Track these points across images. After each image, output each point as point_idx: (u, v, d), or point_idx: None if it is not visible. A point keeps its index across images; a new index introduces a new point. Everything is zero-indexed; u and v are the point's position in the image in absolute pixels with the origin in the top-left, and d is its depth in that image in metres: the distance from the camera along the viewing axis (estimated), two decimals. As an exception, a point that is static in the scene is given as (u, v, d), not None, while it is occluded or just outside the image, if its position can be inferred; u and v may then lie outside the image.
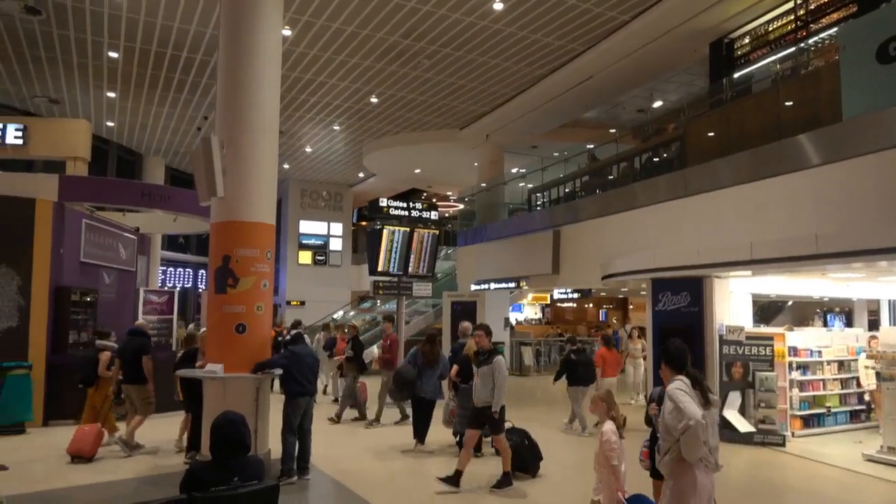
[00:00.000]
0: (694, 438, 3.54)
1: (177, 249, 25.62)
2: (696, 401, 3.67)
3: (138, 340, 8.34)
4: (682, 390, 3.70)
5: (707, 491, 3.70)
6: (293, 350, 7.17)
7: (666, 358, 3.95)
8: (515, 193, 18.98)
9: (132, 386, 8.21)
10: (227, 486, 3.61)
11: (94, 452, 7.72)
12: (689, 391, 3.71)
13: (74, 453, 7.61)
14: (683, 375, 3.82)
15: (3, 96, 16.52)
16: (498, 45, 12.79)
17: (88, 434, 7.73)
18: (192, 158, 7.27)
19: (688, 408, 3.56)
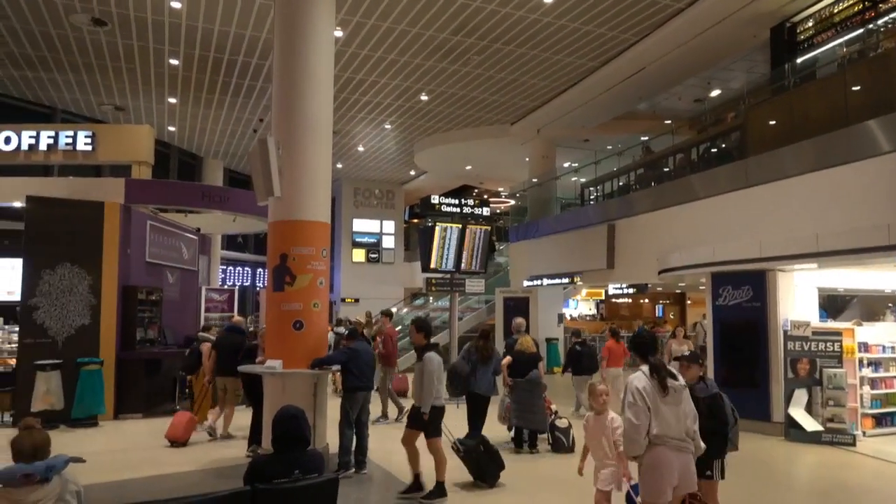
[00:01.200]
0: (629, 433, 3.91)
1: (235, 249, 26.34)
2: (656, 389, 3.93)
3: (235, 336, 8.75)
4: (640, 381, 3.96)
5: (673, 469, 3.90)
6: (351, 346, 7.28)
7: (634, 345, 4.30)
8: (568, 188, 18.76)
9: (228, 378, 8.66)
10: (289, 478, 3.69)
11: (187, 438, 8.37)
12: (647, 380, 3.95)
13: (171, 438, 8.28)
14: (647, 364, 4.05)
15: (73, 105, 17.34)
16: (548, 38, 12.65)
17: (182, 421, 8.41)
18: (250, 159, 7.45)
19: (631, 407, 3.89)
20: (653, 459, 3.91)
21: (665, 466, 3.89)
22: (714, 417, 4.47)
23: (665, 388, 3.94)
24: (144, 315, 11.05)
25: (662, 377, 3.97)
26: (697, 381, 4.64)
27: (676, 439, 3.91)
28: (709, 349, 10.55)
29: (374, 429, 8.26)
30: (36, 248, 9.92)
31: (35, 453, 3.16)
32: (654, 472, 3.91)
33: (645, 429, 3.86)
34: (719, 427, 4.52)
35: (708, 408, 4.45)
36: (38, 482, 3.07)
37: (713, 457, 4.51)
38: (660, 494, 3.91)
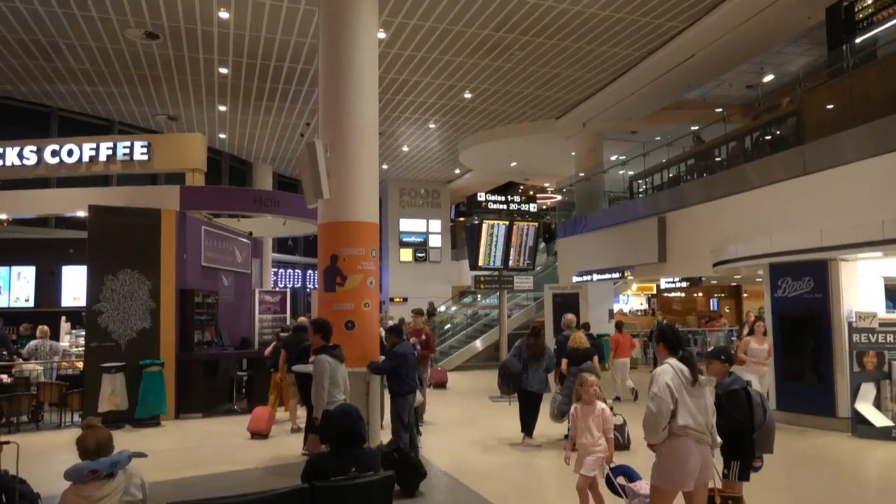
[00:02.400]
0: (650, 421, 3.93)
1: (286, 252, 26.85)
2: (684, 380, 3.96)
3: (301, 335, 9.00)
4: (660, 374, 3.99)
5: (695, 460, 3.94)
6: (396, 351, 7.18)
7: (663, 339, 4.23)
8: (615, 181, 18.45)
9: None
10: (346, 476, 3.74)
11: (268, 430, 8.84)
12: (667, 374, 3.97)
13: (253, 431, 8.76)
14: (677, 357, 4.08)
15: (129, 117, 17.99)
16: (592, 29, 12.46)
17: (263, 416, 8.89)
18: (299, 163, 7.59)
19: (656, 396, 3.91)
20: (675, 450, 3.95)
21: (688, 457, 3.93)
22: (724, 416, 4.35)
23: (696, 381, 3.99)
24: (201, 318, 11.37)
25: (696, 370, 4.02)
26: (725, 376, 4.59)
27: (699, 432, 3.95)
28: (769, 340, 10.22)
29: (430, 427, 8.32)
30: (99, 255, 10.32)
31: (99, 450, 3.28)
32: (676, 462, 3.95)
33: (665, 420, 3.90)
34: (731, 426, 4.39)
35: (720, 406, 4.37)
36: (105, 478, 3.19)
37: (730, 457, 4.49)
38: (678, 483, 3.97)
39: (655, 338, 4.37)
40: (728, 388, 4.51)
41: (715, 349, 5.09)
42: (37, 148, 13.30)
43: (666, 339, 4.22)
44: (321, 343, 6.27)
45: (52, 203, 13.77)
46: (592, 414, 5.16)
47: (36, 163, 13.28)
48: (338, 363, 6.17)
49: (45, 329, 11.36)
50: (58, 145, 13.40)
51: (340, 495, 3.71)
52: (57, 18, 11.82)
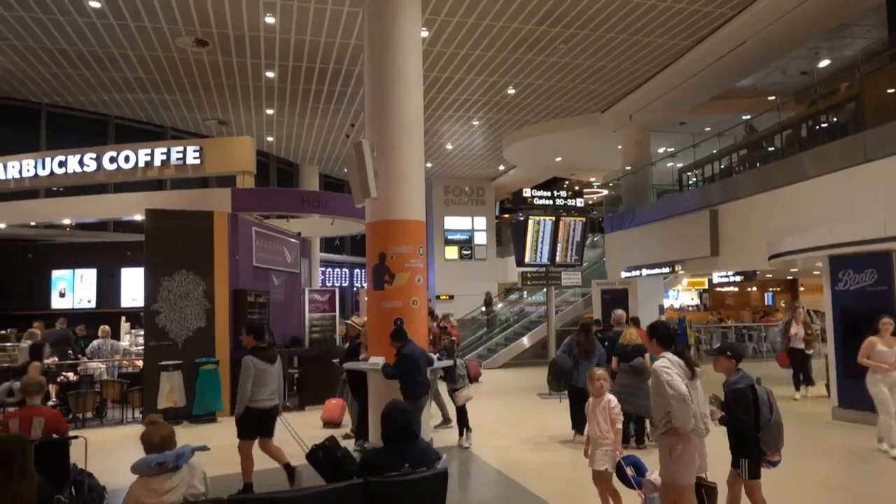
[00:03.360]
0: (682, 409, 3.93)
1: (333, 251, 27.24)
2: (682, 373, 4.06)
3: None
4: (667, 367, 4.07)
5: (699, 453, 4.12)
6: (403, 354, 7.03)
7: (656, 336, 4.35)
8: (664, 174, 18.08)
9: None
10: (399, 471, 3.77)
11: (341, 419, 9.54)
12: (672, 367, 4.07)
13: (327, 420, 9.54)
14: (671, 352, 4.20)
15: (181, 122, 18.54)
16: (638, 20, 12.22)
17: (336, 406, 9.66)
18: (346, 163, 7.68)
19: (673, 383, 3.96)
20: (686, 446, 4.05)
21: (694, 452, 4.09)
22: (730, 414, 4.46)
23: (694, 374, 4.15)
24: (253, 317, 11.62)
25: (692, 366, 4.17)
26: (732, 373, 4.60)
27: (700, 422, 4.09)
28: (829, 337, 9.87)
29: (480, 425, 8.32)
30: (155, 257, 10.67)
31: (163, 444, 3.40)
32: (688, 456, 4.06)
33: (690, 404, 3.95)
34: (736, 424, 4.46)
35: (727, 403, 4.51)
36: (170, 470, 3.29)
37: (738, 455, 4.53)
38: (691, 477, 4.13)
39: (648, 334, 4.47)
40: (734, 387, 4.50)
41: (721, 345, 5.11)
42: (96, 155, 13.85)
43: (658, 336, 4.35)
44: (253, 344, 6.40)
45: (110, 207, 14.33)
46: (600, 406, 5.30)
47: (95, 169, 13.82)
48: (266, 364, 6.31)
49: (107, 329, 11.82)
50: (115, 152, 13.92)
51: (395, 491, 3.74)
52: (112, 30, 12.26)
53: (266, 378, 6.27)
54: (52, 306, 16.36)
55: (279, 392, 6.47)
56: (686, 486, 4.10)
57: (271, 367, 6.38)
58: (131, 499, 3.26)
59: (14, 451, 3.40)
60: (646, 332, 4.54)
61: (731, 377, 4.57)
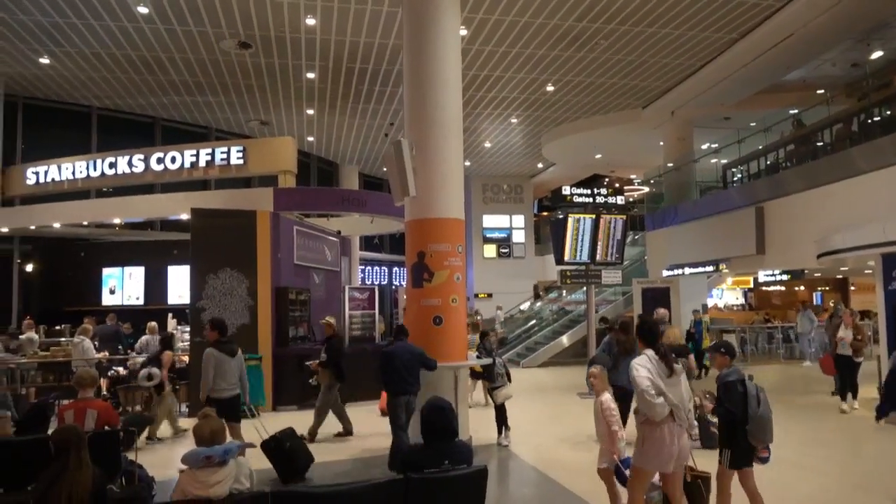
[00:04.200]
0: (644, 401, 4.24)
1: (372, 249, 27.45)
2: (660, 370, 4.30)
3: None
4: (642, 364, 4.32)
5: (674, 444, 4.29)
6: (387, 350, 7.09)
7: (640, 334, 4.62)
8: (707, 171, 17.71)
9: None
10: (439, 468, 3.80)
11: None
12: (650, 364, 4.32)
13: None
14: (652, 350, 4.42)
15: (224, 124, 18.94)
16: (681, 13, 11.99)
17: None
18: (386, 162, 7.74)
19: (636, 378, 4.27)
20: (656, 435, 4.27)
21: (668, 442, 4.27)
22: (720, 405, 4.84)
23: (672, 370, 4.35)
24: (295, 314, 11.82)
25: (670, 362, 4.38)
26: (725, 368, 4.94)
27: (678, 417, 4.29)
28: (881, 339, 9.54)
29: (520, 424, 8.28)
30: (201, 255, 10.93)
31: (213, 438, 3.49)
32: (657, 446, 4.28)
33: (658, 397, 4.19)
34: (724, 416, 4.79)
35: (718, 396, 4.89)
36: (218, 464, 3.38)
37: (722, 444, 4.83)
38: (659, 465, 4.35)
39: (636, 331, 4.75)
40: (725, 380, 4.86)
41: (716, 343, 5.41)
42: (144, 156, 14.27)
43: (641, 334, 4.62)
44: (216, 337, 6.94)
45: (158, 207, 14.74)
46: (597, 405, 5.36)
47: (143, 170, 14.24)
48: (226, 357, 6.81)
49: (154, 325, 12.15)
50: (162, 153, 14.32)
51: (434, 487, 3.77)
52: (159, 34, 12.59)
53: (226, 370, 6.78)
54: (103, 303, 16.92)
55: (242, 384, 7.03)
56: (642, 469, 4.42)
57: (231, 359, 6.88)
58: (180, 489, 3.37)
59: (70, 442, 3.54)
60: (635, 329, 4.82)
61: (723, 371, 4.96)
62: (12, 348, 10.47)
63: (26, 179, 15.32)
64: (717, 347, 5.14)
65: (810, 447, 7.76)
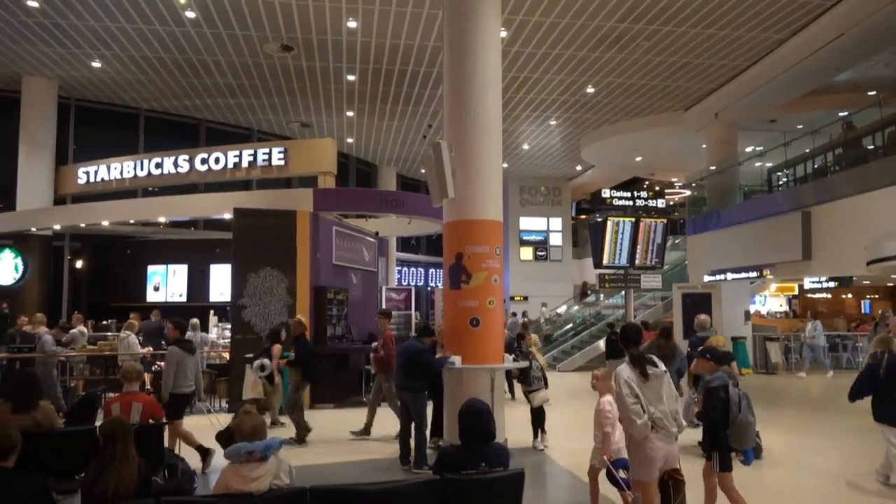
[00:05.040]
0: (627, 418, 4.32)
1: (409, 251, 27.60)
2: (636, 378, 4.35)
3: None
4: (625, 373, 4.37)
5: (662, 453, 4.33)
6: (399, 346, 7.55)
7: (621, 340, 4.69)
8: (752, 174, 17.30)
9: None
10: (476, 470, 3.78)
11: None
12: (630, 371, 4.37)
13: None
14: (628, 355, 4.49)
15: (266, 125, 19.29)
16: (726, 14, 11.75)
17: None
18: (425, 163, 7.77)
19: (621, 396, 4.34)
20: (646, 445, 4.33)
21: (652, 450, 4.32)
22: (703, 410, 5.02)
23: (646, 376, 4.37)
24: (333, 313, 11.94)
25: (643, 366, 4.40)
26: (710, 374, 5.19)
27: (663, 420, 4.31)
28: None
29: (558, 428, 8.21)
30: (242, 254, 11.12)
31: (254, 433, 3.54)
32: (643, 454, 4.36)
33: (638, 412, 4.26)
34: (706, 420, 5.01)
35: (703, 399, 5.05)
36: (258, 459, 3.43)
37: (710, 448, 5.01)
38: (648, 474, 4.38)
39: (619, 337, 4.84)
40: (708, 386, 5.05)
41: (702, 349, 5.62)
42: (189, 157, 14.62)
43: (624, 338, 4.70)
44: (177, 336, 7.35)
45: (201, 206, 15.07)
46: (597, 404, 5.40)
47: (188, 170, 14.59)
48: (187, 354, 7.16)
49: (195, 322, 12.40)
50: (206, 154, 14.66)
51: (471, 489, 3.76)
52: (205, 38, 12.89)
53: (187, 367, 7.13)
54: (147, 299, 17.36)
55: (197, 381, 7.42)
56: (641, 481, 4.43)
57: (191, 357, 7.26)
58: (222, 482, 3.43)
59: (117, 434, 3.64)
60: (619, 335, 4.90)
61: (706, 377, 5.17)
62: (63, 341, 10.81)
63: (77, 179, 15.87)
64: (703, 353, 5.44)
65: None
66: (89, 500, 3.49)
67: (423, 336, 7.61)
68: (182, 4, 11.44)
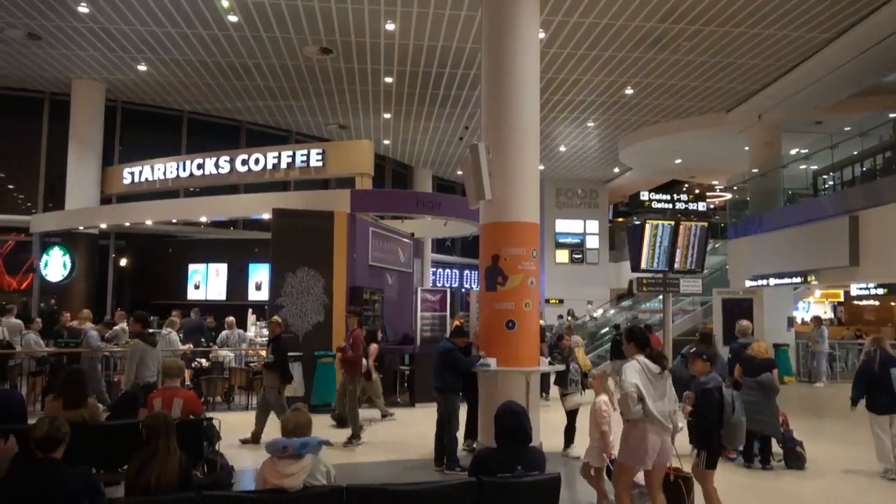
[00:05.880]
0: (623, 402, 4.59)
1: (444, 252, 27.63)
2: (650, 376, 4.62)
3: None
4: (634, 369, 4.62)
5: (656, 448, 4.60)
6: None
7: (634, 339, 4.89)
8: (796, 177, 16.85)
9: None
10: (512, 473, 3.76)
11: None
12: (641, 368, 4.63)
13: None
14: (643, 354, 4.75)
15: (305, 127, 19.55)
16: (772, 12, 11.47)
17: None
18: (462, 165, 7.76)
19: (625, 382, 4.58)
20: (638, 432, 4.60)
21: (648, 440, 4.57)
22: (697, 410, 5.19)
23: (663, 370, 4.67)
24: (368, 314, 12.01)
25: (662, 362, 4.70)
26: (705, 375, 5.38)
27: (660, 418, 4.58)
28: None
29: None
30: (280, 253, 11.28)
31: (295, 430, 3.59)
32: (638, 442, 4.59)
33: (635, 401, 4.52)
34: (700, 420, 5.19)
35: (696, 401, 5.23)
36: (293, 456, 3.47)
37: (699, 447, 5.25)
38: (639, 461, 4.63)
39: (625, 337, 5.03)
40: (703, 387, 5.23)
41: (697, 350, 5.75)
42: (229, 158, 14.89)
43: (636, 339, 4.89)
44: (139, 330, 7.66)
45: (241, 207, 15.36)
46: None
47: (229, 171, 14.88)
48: (149, 347, 7.50)
49: (232, 320, 12.62)
50: (246, 155, 14.92)
51: (506, 492, 3.74)
52: (247, 41, 13.12)
53: (148, 360, 7.43)
54: (188, 297, 17.75)
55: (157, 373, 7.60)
56: (623, 465, 4.74)
57: (153, 349, 7.58)
58: (262, 475, 3.48)
59: (160, 429, 3.72)
60: (624, 336, 5.09)
61: (700, 378, 5.35)
62: (107, 338, 11.12)
63: (123, 179, 16.33)
64: (699, 354, 5.58)
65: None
66: (132, 491, 3.58)
67: (456, 337, 7.63)
68: (225, 9, 11.66)
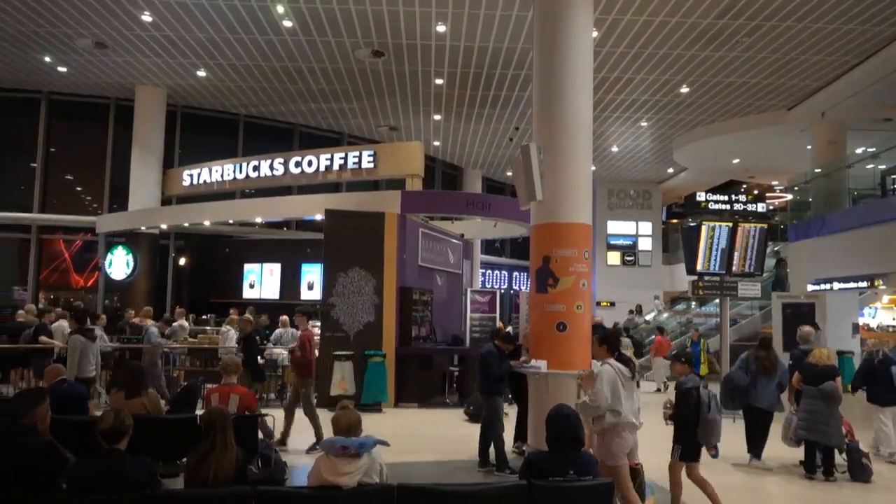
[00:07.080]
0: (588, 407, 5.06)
1: (493, 253, 27.55)
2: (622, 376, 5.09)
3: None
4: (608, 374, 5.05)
5: (629, 442, 5.13)
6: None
7: (606, 343, 5.32)
8: (862, 177, 16.13)
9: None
10: (564, 477, 3.71)
11: None
12: (613, 372, 5.06)
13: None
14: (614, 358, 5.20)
15: (356, 129, 19.81)
16: (835, 7, 11.02)
17: None
18: (513, 166, 7.72)
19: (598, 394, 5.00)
20: (615, 434, 5.06)
21: (624, 439, 5.08)
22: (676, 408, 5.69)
23: (633, 376, 5.21)
24: (418, 314, 12.09)
25: (632, 368, 5.20)
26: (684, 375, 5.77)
27: (632, 418, 5.10)
28: None
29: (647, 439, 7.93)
30: (332, 254, 11.46)
31: (349, 429, 3.64)
32: (617, 442, 5.05)
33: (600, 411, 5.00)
34: (677, 418, 5.70)
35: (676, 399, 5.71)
36: (352, 455, 3.51)
37: (674, 442, 5.78)
38: (619, 458, 5.06)
39: (597, 339, 5.37)
40: (682, 387, 5.66)
41: (677, 352, 6.15)
42: (284, 160, 15.21)
43: (608, 342, 5.31)
44: (77, 326, 8.17)
45: (294, 208, 15.66)
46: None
47: (283, 173, 15.20)
48: (89, 342, 8.04)
49: (285, 319, 12.86)
50: (300, 157, 15.21)
51: (557, 496, 3.70)
52: (301, 45, 13.39)
53: (89, 353, 7.99)
54: (243, 296, 18.20)
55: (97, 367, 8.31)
56: (615, 465, 5.01)
57: (93, 344, 8.13)
58: (316, 472, 3.54)
59: (217, 424, 3.82)
60: (596, 339, 5.41)
61: (680, 378, 5.76)
62: (166, 334, 11.51)
63: (182, 181, 16.87)
64: (678, 357, 6.02)
65: None
66: (191, 484, 3.69)
67: (501, 341, 7.44)
68: (280, 14, 11.92)
